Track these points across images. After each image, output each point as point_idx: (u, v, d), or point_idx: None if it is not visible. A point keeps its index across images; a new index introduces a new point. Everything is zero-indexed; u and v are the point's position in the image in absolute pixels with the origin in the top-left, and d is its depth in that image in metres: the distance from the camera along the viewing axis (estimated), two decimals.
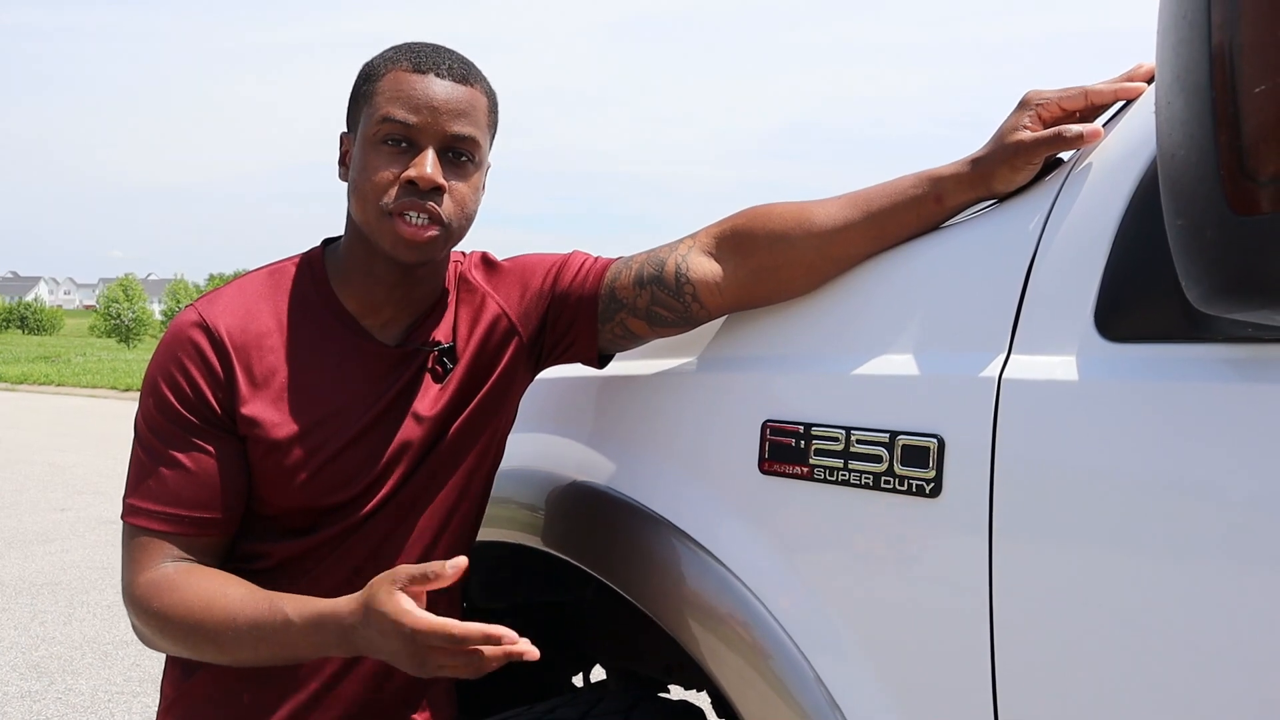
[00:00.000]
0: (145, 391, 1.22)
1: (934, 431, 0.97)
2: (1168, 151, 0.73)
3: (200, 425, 1.20)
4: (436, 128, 1.18)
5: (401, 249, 1.18)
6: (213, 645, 1.14)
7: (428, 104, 1.17)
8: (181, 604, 1.15)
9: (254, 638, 1.11)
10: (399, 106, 1.17)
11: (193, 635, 1.14)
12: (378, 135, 1.18)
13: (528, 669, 1.92)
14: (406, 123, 1.17)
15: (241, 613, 1.12)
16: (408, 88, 1.18)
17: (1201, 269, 0.71)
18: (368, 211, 1.18)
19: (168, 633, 1.16)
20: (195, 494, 1.19)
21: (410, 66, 1.19)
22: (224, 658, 1.15)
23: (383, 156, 1.18)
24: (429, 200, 1.17)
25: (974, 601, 0.92)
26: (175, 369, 1.20)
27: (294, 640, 1.10)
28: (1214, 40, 0.67)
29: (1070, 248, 0.95)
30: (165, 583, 1.17)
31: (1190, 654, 0.80)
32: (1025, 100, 1.07)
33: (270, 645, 1.11)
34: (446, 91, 1.19)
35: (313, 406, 1.22)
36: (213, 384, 1.20)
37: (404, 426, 1.26)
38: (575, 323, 1.32)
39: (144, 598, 1.17)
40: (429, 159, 1.17)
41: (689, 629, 1.18)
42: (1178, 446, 0.82)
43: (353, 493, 1.24)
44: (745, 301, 1.23)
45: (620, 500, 1.31)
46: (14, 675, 3.68)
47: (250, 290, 1.26)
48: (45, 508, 6.75)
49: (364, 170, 1.18)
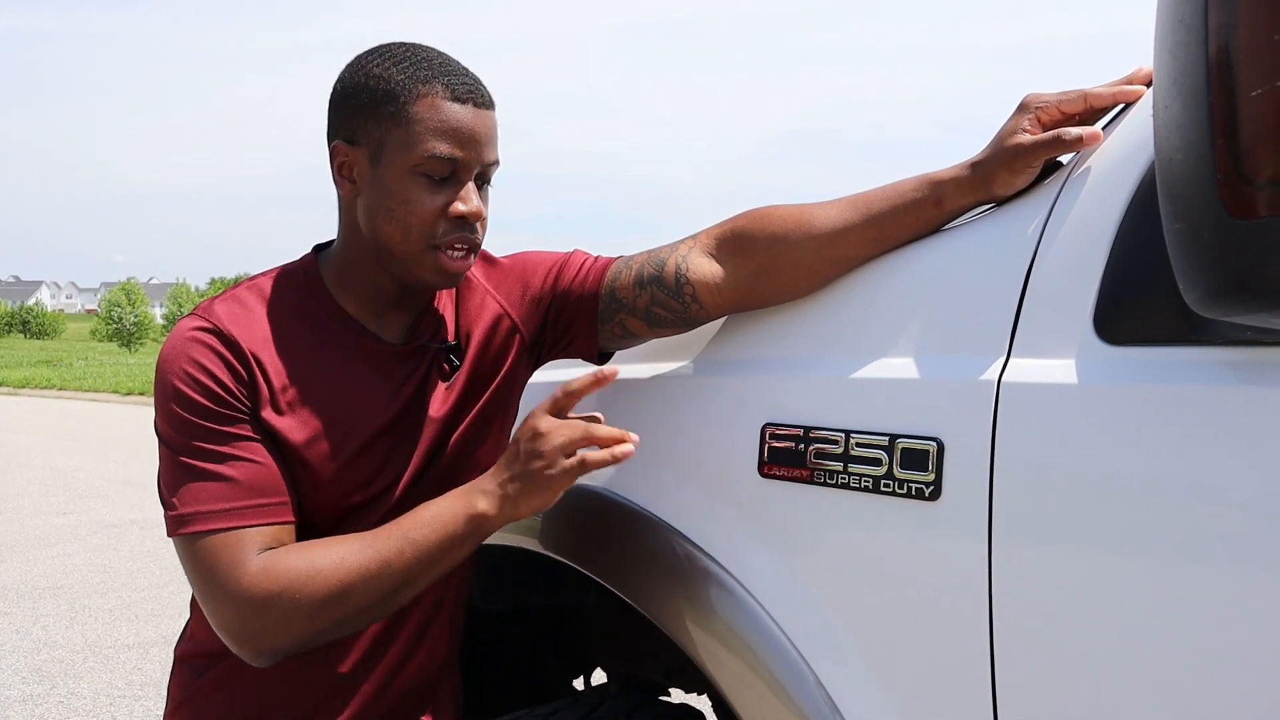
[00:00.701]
0: (164, 401, 1.16)
1: (933, 434, 0.97)
2: (1165, 155, 0.73)
3: (237, 416, 1.16)
4: (478, 159, 1.19)
5: (440, 279, 1.20)
6: (363, 583, 1.11)
7: (471, 137, 1.17)
8: (309, 563, 1.11)
9: (408, 549, 1.12)
10: (444, 141, 1.16)
11: (345, 585, 1.11)
12: (420, 168, 1.16)
13: (529, 672, 1.92)
14: (454, 158, 1.16)
15: (379, 539, 1.13)
16: (451, 119, 1.16)
17: (1199, 272, 0.71)
18: (411, 243, 1.18)
19: (304, 599, 1.10)
20: (263, 480, 1.15)
21: (449, 94, 1.16)
22: (377, 594, 1.12)
23: (425, 188, 1.17)
24: (473, 232, 1.20)
25: (973, 604, 0.92)
26: (195, 369, 1.15)
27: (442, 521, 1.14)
28: (1211, 44, 0.67)
29: (1069, 251, 0.95)
30: (277, 559, 1.11)
31: (1190, 657, 0.80)
32: (1024, 103, 1.08)
33: (422, 546, 1.13)
34: (484, 121, 1.19)
35: (327, 409, 1.21)
36: (236, 378, 1.16)
37: (418, 425, 1.26)
38: (575, 322, 1.33)
39: (258, 582, 1.10)
40: (474, 193, 1.19)
41: (689, 632, 1.18)
42: (1177, 449, 0.82)
43: (372, 493, 1.24)
44: (745, 303, 1.23)
45: (620, 504, 1.31)
46: (16, 679, 3.68)
47: (246, 299, 1.24)
48: (47, 512, 6.75)
49: (405, 202, 1.17)
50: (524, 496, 1.14)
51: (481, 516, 1.15)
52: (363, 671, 1.28)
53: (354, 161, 1.20)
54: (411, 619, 1.29)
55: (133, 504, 7.01)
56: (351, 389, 1.23)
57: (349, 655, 1.26)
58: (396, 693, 1.31)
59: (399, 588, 1.14)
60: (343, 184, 1.22)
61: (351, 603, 1.12)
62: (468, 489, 1.17)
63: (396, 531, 1.14)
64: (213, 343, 1.17)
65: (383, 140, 1.17)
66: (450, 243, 1.18)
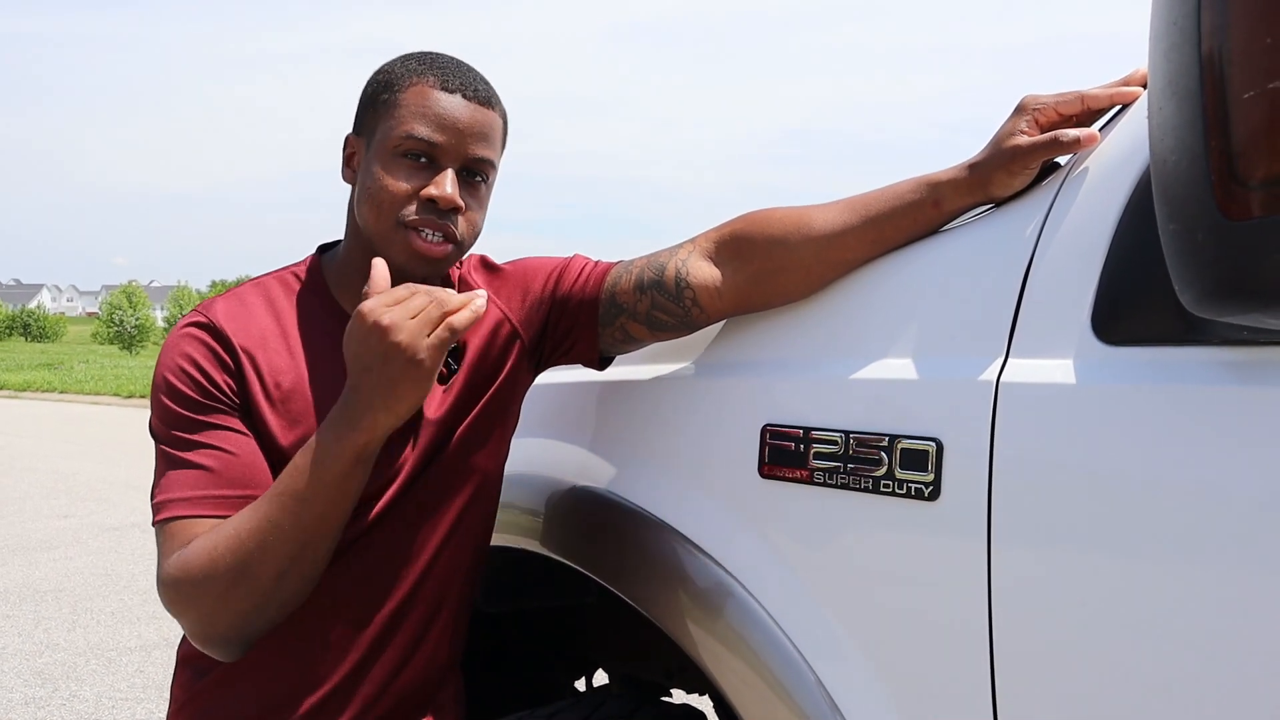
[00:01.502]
0: (156, 394, 1.21)
1: (933, 435, 0.98)
2: (1160, 157, 0.73)
3: (220, 408, 1.18)
4: (459, 149, 1.19)
5: (413, 262, 1.20)
6: (260, 553, 1.09)
7: (453, 124, 1.19)
8: (211, 545, 1.11)
9: (291, 505, 1.09)
10: (424, 123, 1.18)
11: (242, 561, 1.10)
12: (399, 148, 1.19)
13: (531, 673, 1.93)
14: (431, 140, 1.18)
15: (264, 503, 1.10)
16: (435, 105, 1.19)
17: (1194, 273, 0.71)
18: (382, 221, 1.19)
19: (211, 581, 1.10)
20: (238, 472, 1.16)
21: (438, 83, 1.20)
22: (280, 562, 1.11)
23: (402, 169, 1.19)
24: (446, 220, 1.19)
25: (973, 604, 0.93)
26: (184, 361, 1.19)
27: (321, 466, 1.09)
28: (1204, 46, 0.67)
29: (1067, 251, 0.96)
30: (194, 544, 1.12)
31: (1189, 656, 0.80)
32: (1022, 105, 1.08)
33: (305, 498, 1.09)
34: (471, 113, 1.20)
35: (318, 408, 1.22)
36: (224, 371, 1.19)
37: (412, 426, 1.26)
38: (576, 327, 1.33)
39: (170, 571, 1.12)
40: (450, 179, 1.19)
41: (690, 633, 1.19)
42: (1175, 449, 0.82)
43: (363, 494, 1.24)
44: (745, 306, 1.23)
45: (621, 505, 1.31)
46: (18, 682, 3.68)
47: (247, 298, 1.27)
48: (48, 515, 6.76)
49: (381, 180, 1.19)
50: (397, 398, 1.09)
51: (355, 440, 1.10)
52: (363, 672, 1.28)
53: (357, 150, 1.25)
54: (410, 620, 1.30)
55: (134, 507, 7.01)
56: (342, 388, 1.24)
57: (348, 656, 1.26)
58: (397, 694, 1.31)
59: (302, 546, 1.11)
60: (348, 174, 1.26)
61: (257, 573, 1.10)
62: (332, 419, 1.12)
63: (277, 489, 1.11)
64: (204, 338, 1.20)
65: (375, 127, 1.22)
66: (418, 224, 1.18)
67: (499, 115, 1.25)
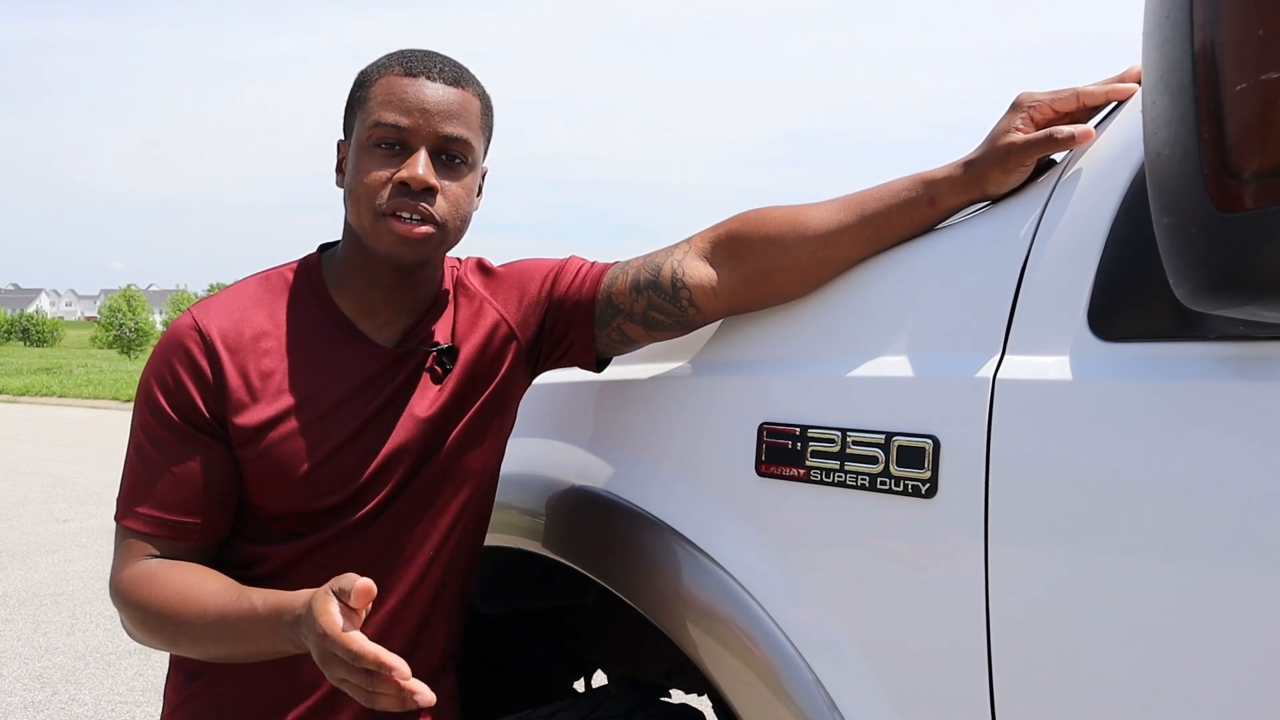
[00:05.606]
0: (139, 395, 1.24)
1: (929, 432, 0.97)
2: (1153, 150, 0.73)
3: (189, 430, 1.21)
4: (428, 129, 1.19)
5: (398, 248, 1.19)
6: (187, 637, 1.16)
7: (419, 106, 1.19)
8: (159, 597, 1.17)
9: (222, 628, 1.12)
10: (390, 110, 1.19)
11: (168, 626, 1.16)
12: (371, 139, 1.20)
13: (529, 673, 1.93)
14: (398, 125, 1.19)
15: (213, 603, 1.13)
16: (399, 91, 1.20)
17: (1188, 266, 0.71)
18: (362, 214, 1.20)
19: (147, 625, 1.18)
20: (179, 498, 1.21)
21: (402, 71, 1.21)
22: (198, 650, 1.18)
23: (376, 159, 1.19)
24: (421, 200, 1.19)
25: (970, 601, 0.93)
26: (167, 372, 1.22)
27: (258, 631, 1.10)
28: (1196, 39, 0.67)
29: (1063, 248, 0.96)
30: (146, 576, 1.19)
31: (1186, 653, 0.80)
32: (1017, 102, 1.08)
33: (237, 637, 1.12)
34: (438, 94, 1.21)
35: (308, 406, 1.23)
36: (202, 388, 1.21)
37: (400, 427, 1.26)
38: (572, 328, 1.33)
39: (126, 590, 1.20)
40: (420, 160, 1.19)
41: (688, 632, 1.19)
42: (1172, 445, 0.82)
43: (348, 494, 1.24)
44: (741, 305, 1.23)
45: (619, 504, 1.31)
46: (18, 686, 3.68)
47: (246, 294, 1.28)
48: (47, 519, 6.75)
49: (357, 174, 1.20)
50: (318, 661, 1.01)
51: (286, 647, 1.08)
52: None
53: (345, 154, 1.26)
54: (405, 620, 1.30)
55: None
56: (334, 387, 1.25)
57: None
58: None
59: (223, 655, 1.17)
60: (340, 179, 1.27)
61: (179, 644, 1.19)
62: (286, 619, 1.05)
63: (221, 604, 1.13)
64: (190, 346, 1.22)
65: (353, 125, 1.24)
66: (394, 208, 1.18)
67: (473, 94, 1.24)
